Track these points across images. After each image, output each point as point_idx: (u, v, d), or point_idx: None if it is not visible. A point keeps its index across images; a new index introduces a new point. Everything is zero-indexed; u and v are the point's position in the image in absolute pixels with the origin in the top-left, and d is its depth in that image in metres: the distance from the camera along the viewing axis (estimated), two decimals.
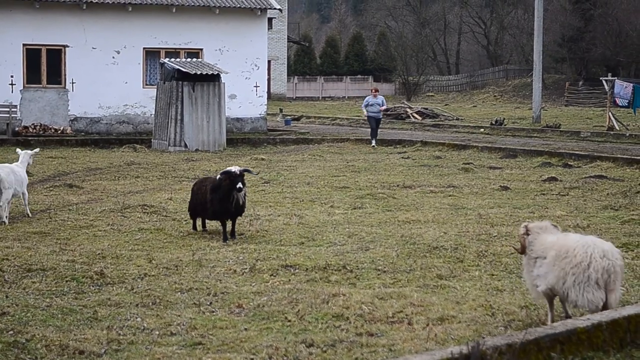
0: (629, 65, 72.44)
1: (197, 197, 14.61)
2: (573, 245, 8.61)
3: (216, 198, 13.85)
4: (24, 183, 15.94)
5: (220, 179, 13.85)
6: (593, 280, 8.38)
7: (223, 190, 13.77)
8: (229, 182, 13.68)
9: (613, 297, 8.45)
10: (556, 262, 8.66)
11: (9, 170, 15.51)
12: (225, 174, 13.79)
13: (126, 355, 7.98)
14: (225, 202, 13.78)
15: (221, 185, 13.79)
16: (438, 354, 7.02)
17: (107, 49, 35.04)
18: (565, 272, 8.54)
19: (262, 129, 37.07)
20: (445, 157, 27.90)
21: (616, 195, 18.92)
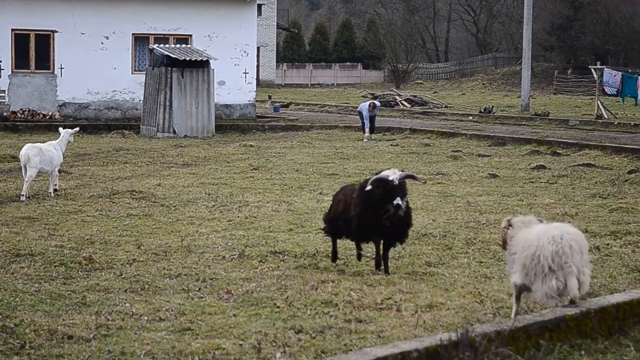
0: (618, 53, 72.62)
1: (339, 208, 11.16)
2: (531, 237, 8.31)
3: (363, 213, 10.60)
4: (55, 161, 16.73)
5: (371, 188, 10.48)
6: (546, 269, 8.04)
7: (373, 204, 10.52)
8: (382, 194, 10.44)
9: (572, 281, 7.99)
10: (519, 258, 8.40)
11: (37, 150, 16.41)
12: (378, 182, 10.49)
13: (115, 341, 7.97)
14: (375, 220, 10.54)
15: (371, 197, 10.51)
16: (427, 340, 7.04)
17: (96, 35, 34.90)
18: (524, 266, 8.30)
19: (250, 116, 37.02)
20: (434, 145, 27.90)
21: (604, 184, 18.96)
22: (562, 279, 8.01)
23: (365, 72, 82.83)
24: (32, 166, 16.18)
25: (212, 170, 20.99)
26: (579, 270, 8.05)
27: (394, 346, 6.84)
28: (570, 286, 7.99)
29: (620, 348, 7.81)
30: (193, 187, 18.12)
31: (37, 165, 16.22)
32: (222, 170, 21.03)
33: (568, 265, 8.01)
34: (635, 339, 8.01)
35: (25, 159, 16.24)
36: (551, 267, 8.02)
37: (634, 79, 39.79)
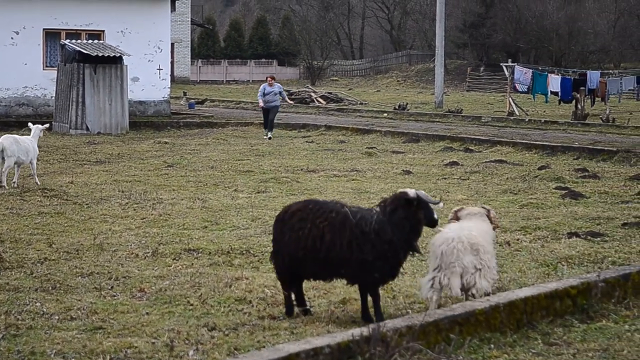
0: (529, 51, 73.78)
1: (312, 242, 8.56)
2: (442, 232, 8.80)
3: (403, 244, 8.53)
4: (30, 153, 17.59)
5: (414, 208, 8.52)
6: (430, 269, 8.65)
7: (417, 230, 8.62)
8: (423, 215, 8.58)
9: (455, 281, 8.51)
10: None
11: (12, 139, 17.42)
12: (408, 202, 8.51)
13: (25, 340, 7.86)
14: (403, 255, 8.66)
15: (414, 219, 8.55)
16: (339, 336, 7.08)
17: (5, 29, 34.28)
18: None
19: (165, 113, 36.76)
20: (349, 142, 28.05)
21: (515, 180, 19.27)
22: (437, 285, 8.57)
23: (280, 68, 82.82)
24: (9, 155, 17.13)
25: (125, 168, 20.82)
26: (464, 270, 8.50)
27: (306, 342, 6.88)
28: (452, 286, 8.50)
29: (528, 341, 7.96)
30: (106, 184, 17.95)
31: (14, 154, 17.18)
32: (136, 168, 20.87)
33: (453, 265, 8.46)
34: (543, 332, 8.17)
35: (0, 148, 17.08)
36: (434, 269, 8.57)
37: (544, 76, 40.46)
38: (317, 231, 8.44)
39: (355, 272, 8.50)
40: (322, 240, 8.42)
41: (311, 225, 8.48)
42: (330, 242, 8.39)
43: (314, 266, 8.59)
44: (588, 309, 8.74)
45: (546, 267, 10.96)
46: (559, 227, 13.44)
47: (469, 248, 8.53)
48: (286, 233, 8.66)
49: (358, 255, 8.37)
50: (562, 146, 24.94)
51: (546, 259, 11.35)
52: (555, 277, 10.21)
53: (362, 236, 8.37)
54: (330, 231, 8.41)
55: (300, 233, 8.52)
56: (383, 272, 8.50)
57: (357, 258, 8.38)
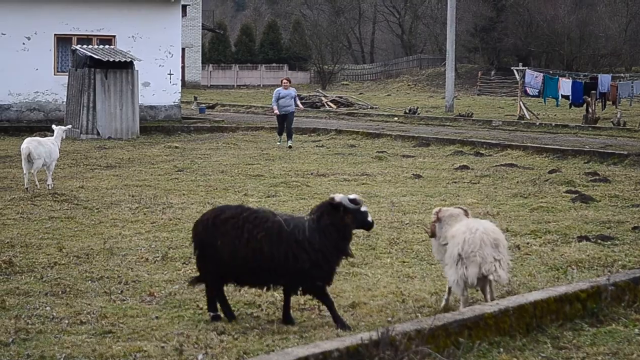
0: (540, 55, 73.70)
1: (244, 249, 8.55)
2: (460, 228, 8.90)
3: (333, 250, 8.59)
4: (53, 155, 18.06)
5: (341, 213, 8.56)
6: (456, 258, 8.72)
7: (345, 235, 8.66)
8: (351, 220, 8.61)
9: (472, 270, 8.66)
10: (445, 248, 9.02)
11: (36, 143, 17.85)
12: (334, 208, 8.59)
13: (34, 345, 7.89)
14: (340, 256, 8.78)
15: (341, 224, 8.60)
16: (348, 340, 7.09)
17: (17, 35, 34.37)
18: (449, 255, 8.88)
19: (176, 117, 36.79)
20: (359, 146, 28.03)
21: (526, 183, 19.24)
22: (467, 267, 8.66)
23: (291, 73, 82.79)
24: (36, 158, 17.52)
25: (136, 172, 20.85)
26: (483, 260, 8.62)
27: (315, 346, 6.88)
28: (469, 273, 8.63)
29: (537, 345, 7.95)
30: (116, 189, 17.98)
31: (41, 156, 17.60)
32: (147, 172, 20.90)
33: (474, 254, 8.60)
34: (553, 336, 8.16)
35: (26, 152, 17.46)
36: (461, 255, 8.66)
37: (555, 80, 40.41)
38: (254, 242, 8.44)
39: (294, 280, 8.56)
40: (261, 252, 8.43)
41: (248, 235, 8.47)
42: (269, 252, 8.42)
43: (251, 275, 8.63)
44: (598, 312, 8.72)
45: (556, 270, 10.94)
46: (569, 231, 13.41)
47: (491, 240, 8.70)
48: (218, 238, 8.57)
49: (294, 264, 8.43)
50: (572, 150, 24.88)
51: (556, 262, 11.33)
52: (565, 281, 10.19)
53: (297, 245, 8.43)
54: (268, 242, 8.43)
55: (237, 242, 8.48)
56: (319, 278, 8.55)
57: (294, 267, 8.44)
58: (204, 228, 8.74)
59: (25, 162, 17.63)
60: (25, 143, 17.84)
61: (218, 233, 8.57)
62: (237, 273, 8.64)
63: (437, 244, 9.31)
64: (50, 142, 18.35)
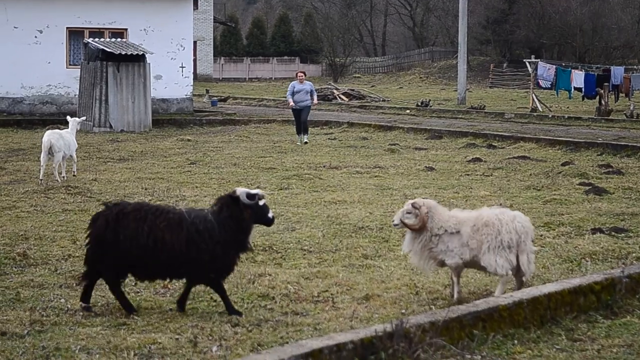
0: (552, 47, 73.43)
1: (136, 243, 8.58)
2: (487, 216, 9.05)
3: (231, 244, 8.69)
4: (71, 147, 18.30)
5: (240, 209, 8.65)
6: (505, 243, 8.86)
7: (242, 229, 8.72)
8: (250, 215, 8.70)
9: (524, 258, 8.95)
10: (473, 235, 8.98)
11: (57, 135, 18.02)
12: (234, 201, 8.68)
13: (49, 336, 7.91)
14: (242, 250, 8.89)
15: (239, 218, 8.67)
16: (362, 332, 7.09)
17: (29, 29, 34.43)
18: (481, 240, 8.92)
19: (188, 110, 36.81)
20: (371, 138, 28.02)
21: (539, 176, 19.20)
22: (514, 259, 8.93)
23: (303, 66, 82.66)
24: (57, 151, 17.75)
25: (149, 165, 20.88)
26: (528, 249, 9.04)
27: (330, 338, 6.89)
28: (522, 262, 8.95)
29: (552, 337, 7.94)
30: (130, 181, 18.01)
31: (61, 149, 17.80)
32: (159, 165, 20.93)
33: (525, 245, 8.99)
34: (567, 328, 8.15)
35: (48, 145, 17.64)
36: (510, 244, 8.89)
37: (567, 72, 40.30)
38: (156, 232, 8.46)
39: (193, 271, 8.63)
40: (163, 242, 8.45)
41: (150, 226, 8.48)
42: (170, 242, 8.45)
43: (152, 268, 8.66)
44: (612, 304, 8.70)
45: (570, 263, 10.93)
46: (583, 223, 13.38)
47: (531, 230, 9.19)
48: (120, 233, 8.54)
49: (195, 255, 8.49)
50: (585, 142, 24.82)
51: (570, 255, 11.31)
52: (579, 273, 10.17)
53: (198, 236, 8.48)
54: (169, 232, 8.46)
55: (139, 234, 8.48)
56: (218, 271, 8.67)
57: (194, 258, 8.50)
58: (104, 223, 8.67)
59: (45, 154, 17.76)
60: (47, 136, 17.95)
61: (120, 227, 8.55)
62: (138, 266, 8.65)
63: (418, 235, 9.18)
64: (68, 133, 18.53)
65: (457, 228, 9.07)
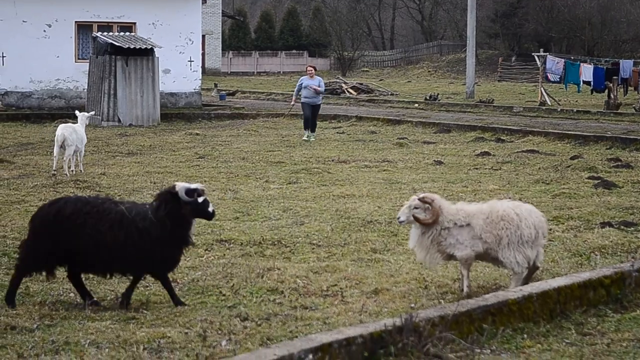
0: (561, 40, 73.25)
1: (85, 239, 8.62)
2: (503, 209, 9.08)
3: (171, 239, 8.73)
4: (83, 141, 18.45)
5: (179, 204, 8.69)
6: (525, 238, 8.95)
7: (182, 224, 8.78)
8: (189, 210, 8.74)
9: (541, 252, 9.19)
10: (488, 228, 8.97)
11: (71, 129, 18.09)
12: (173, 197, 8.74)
13: (59, 330, 7.92)
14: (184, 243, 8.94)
15: (179, 214, 8.71)
16: (371, 326, 7.08)
17: (38, 23, 34.48)
18: (499, 235, 8.93)
19: (196, 104, 36.83)
20: (380, 132, 28.00)
21: (547, 170, 19.17)
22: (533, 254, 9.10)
23: (311, 59, 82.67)
24: (69, 144, 17.76)
25: (157, 159, 20.89)
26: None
27: (339, 332, 6.88)
28: (539, 256, 9.18)
29: (561, 331, 7.93)
30: (138, 176, 18.02)
31: (74, 143, 17.85)
32: (168, 159, 20.94)
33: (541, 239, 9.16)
34: (577, 322, 8.13)
35: (62, 138, 17.70)
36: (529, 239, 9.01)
37: (576, 66, 40.21)
38: (97, 235, 8.52)
39: (136, 267, 8.77)
40: (104, 243, 8.53)
41: (92, 224, 8.53)
42: (111, 242, 8.52)
43: (93, 265, 8.76)
44: (622, 298, 8.68)
45: (579, 257, 10.90)
46: (592, 217, 13.36)
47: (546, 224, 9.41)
48: (60, 233, 8.58)
49: (135, 253, 8.58)
50: (594, 136, 24.76)
51: (579, 248, 11.28)
52: (589, 267, 10.15)
53: (138, 234, 8.57)
54: (110, 231, 8.53)
55: (81, 232, 8.53)
56: (160, 266, 8.75)
57: (134, 256, 8.60)
58: (44, 221, 8.70)
59: (57, 148, 17.86)
60: (61, 129, 18.01)
61: (62, 226, 8.57)
62: (78, 263, 8.74)
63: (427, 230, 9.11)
64: (79, 128, 18.59)
65: (467, 220, 9.04)
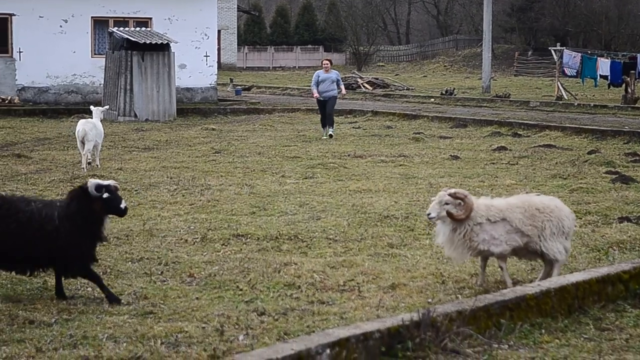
0: (577, 35, 73.01)
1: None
2: (539, 202, 9.28)
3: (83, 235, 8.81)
4: (102, 136, 18.74)
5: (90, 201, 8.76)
6: (566, 230, 9.18)
7: (94, 221, 8.84)
8: (101, 206, 8.81)
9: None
10: (528, 221, 9.04)
11: (91, 125, 18.29)
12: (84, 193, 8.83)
13: (77, 325, 7.94)
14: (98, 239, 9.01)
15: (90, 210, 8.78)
16: (389, 321, 7.07)
17: (54, 18, 34.55)
18: (542, 227, 9.05)
19: (212, 99, 36.86)
20: (396, 127, 27.96)
21: (565, 164, 19.11)
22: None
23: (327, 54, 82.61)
24: (89, 140, 18.00)
25: (173, 154, 20.92)
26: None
27: (356, 327, 6.87)
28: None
29: (580, 326, 7.90)
30: (155, 170, 18.05)
31: (94, 139, 18.12)
32: (184, 154, 20.97)
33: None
34: (595, 317, 8.10)
35: (83, 134, 17.97)
36: (569, 231, 9.29)
37: (593, 60, 40.07)
38: (5, 237, 8.55)
39: (51, 265, 8.80)
40: (14, 244, 8.58)
41: (1, 223, 8.58)
42: (21, 242, 8.57)
43: (11, 263, 8.79)
44: None
45: (597, 252, 10.86)
46: (610, 212, 13.31)
47: None
48: None
49: (47, 250, 8.64)
50: (611, 130, 24.68)
51: (597, 243, 11.24)
52: (607, 262, 10.12)
53: (48, 232, 8.63)
54: (20, 232, 8.57)
55: None
56: (76, 262, 8.76)
57: (47, 253, 8.66)
58: None
59: (80, 143, 18.19)
60: (81, 125, 18.26)
61: None
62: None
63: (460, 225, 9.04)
64: (98, 123, 18.80)
65: (501, 215, 9.02)
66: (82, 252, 8.77)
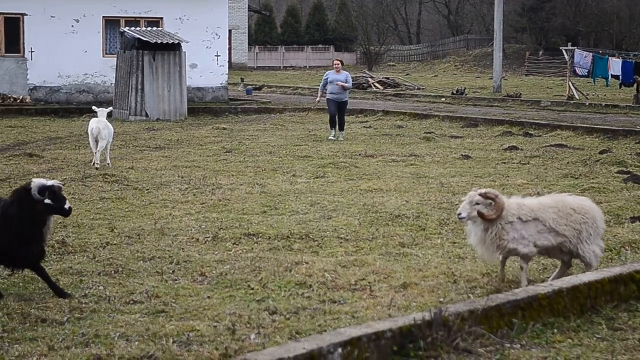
0: (589, 34, 72.84)
1: None
2: (574, 201, 9.32)
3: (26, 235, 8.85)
4: (112, 135, 18.98)
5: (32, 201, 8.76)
6: (601, 231, 9.28)
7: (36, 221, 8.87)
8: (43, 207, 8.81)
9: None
10: (562, 221, 9.04)
11: (104, 124, 18.57)
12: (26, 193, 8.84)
13: (89, 323, 7.95)
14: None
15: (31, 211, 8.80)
16: (400, 320, 7.06)
17: (66, 18, 34.63)
18: (579, 228, 9.09)
19: (223, 99, 36.90)
20: (406, 127, 27.94)
21: (576, 164, 19.07)
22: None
23: (337, 54, 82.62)
24: (102, 138, 18.32)
25: (185, 153, 20.94)
26: None
27: (368, 326, 6.85)
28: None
29: (592, 326, 7.87)
30: (166, 170, 18.07)
31: (106, 137, 18.42)
32: (195, 153, 20.98)
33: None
34: (607, 317, 8.08)
35: (96, 132, 18.29)
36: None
37: (604, 59, 39.98)
38: None
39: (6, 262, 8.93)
40: None
41: None
42: None
43: None
44: None
45: (609, 251, 10.83)
46: (622, 212, 13.28)
47: None
48: None
49: None
50: (623, 130, 24.63)
51: (609, 243, 11.20)
52: (619, 262, 10.09)
53: None
54: None
55: None
56: (23, 260, 8.82)
57: None
58: None
59: (93, 142, 18.37)
60: (95, 123, 18.49)
61: None
62: None
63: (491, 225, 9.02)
64: (110, 123, 19.00)
65: (533, 215, 9.01)
66: (28, 252, 8.81)
